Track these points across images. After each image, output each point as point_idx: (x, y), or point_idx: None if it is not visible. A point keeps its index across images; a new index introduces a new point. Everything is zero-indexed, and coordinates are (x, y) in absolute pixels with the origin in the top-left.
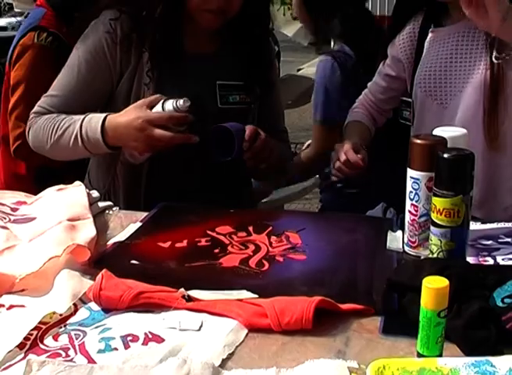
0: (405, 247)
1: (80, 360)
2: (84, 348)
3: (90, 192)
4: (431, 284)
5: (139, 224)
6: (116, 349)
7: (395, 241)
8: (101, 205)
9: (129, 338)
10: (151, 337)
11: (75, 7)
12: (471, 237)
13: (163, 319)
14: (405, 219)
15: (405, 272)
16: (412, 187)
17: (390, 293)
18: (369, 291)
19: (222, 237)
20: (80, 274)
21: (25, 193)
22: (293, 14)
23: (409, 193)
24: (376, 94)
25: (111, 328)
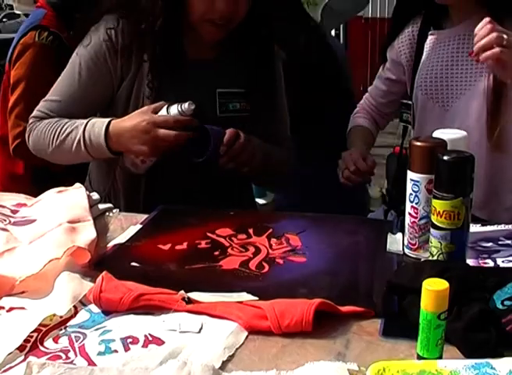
0: (405, 249)
1: (80, 362)
2: (84, 350)
3: (91, 194)
4: (431, 286)
5: (139, 226)
6: (116, 351)
7: (395, 243)
8: (101, 207)
9: (129, 340)
10: (151, 339)
11: (75, 7)
12: (471, 239)
13: (163, 321)
14: (405, 221)
15: (405, 274)
16: (412, 189)
17: (390, 295)
18: (369, 294)
19: (222, 239)
20: (80, 276)
21: (25, 195)
22: None
23: (409, 195)
24: (377, 98)
25: (111, 330)
